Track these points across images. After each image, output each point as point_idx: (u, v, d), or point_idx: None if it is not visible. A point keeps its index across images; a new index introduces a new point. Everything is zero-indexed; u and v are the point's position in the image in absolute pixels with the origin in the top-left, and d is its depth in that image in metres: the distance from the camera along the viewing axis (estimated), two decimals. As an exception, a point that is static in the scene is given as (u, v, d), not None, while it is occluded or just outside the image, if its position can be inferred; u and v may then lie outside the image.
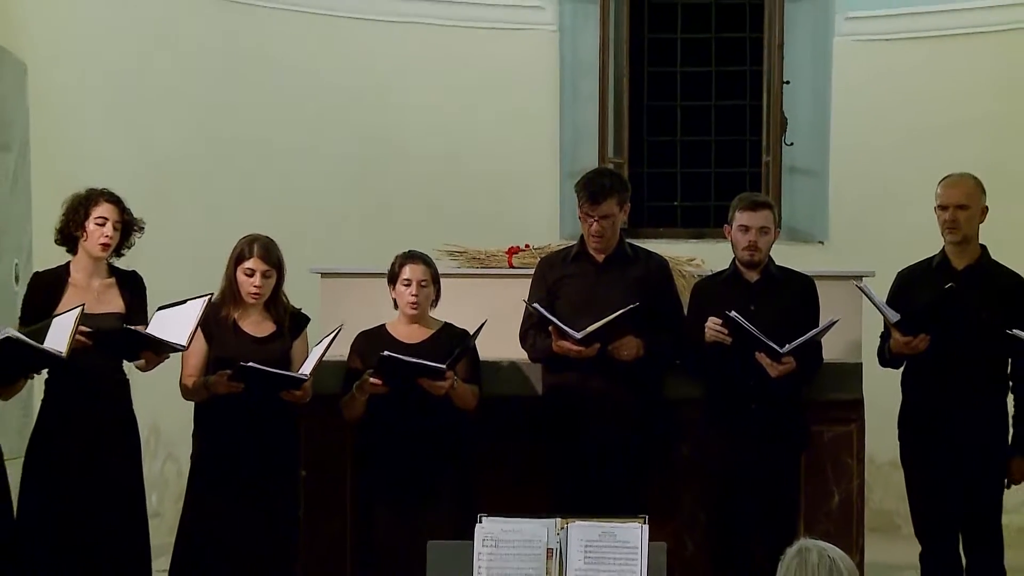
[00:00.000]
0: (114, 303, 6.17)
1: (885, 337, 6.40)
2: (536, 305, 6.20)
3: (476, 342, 6.25)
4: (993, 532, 6.40)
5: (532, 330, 6.32)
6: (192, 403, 6.33)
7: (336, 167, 9.77)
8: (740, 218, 6.31)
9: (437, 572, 4.72)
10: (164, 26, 9.24)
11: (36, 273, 6.44)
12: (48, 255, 6.51)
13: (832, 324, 6.23)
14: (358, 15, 10.08)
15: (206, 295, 6.11)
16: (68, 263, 6.22)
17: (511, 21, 10.44)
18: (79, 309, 5.79)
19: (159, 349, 6.05)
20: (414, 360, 6.05)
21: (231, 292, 6.27)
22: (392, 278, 6.29)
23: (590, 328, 6.04)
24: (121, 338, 6.04)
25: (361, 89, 9.97)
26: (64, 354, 5.74)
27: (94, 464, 6.12)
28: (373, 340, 6.27)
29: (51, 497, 6.09)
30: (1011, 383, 6.29)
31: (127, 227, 6.20)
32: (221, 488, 6.24)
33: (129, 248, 6.27)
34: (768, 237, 6.33)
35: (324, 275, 7.17)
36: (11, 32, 7.81)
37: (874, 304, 6.34)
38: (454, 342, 6.22)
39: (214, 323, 6.23)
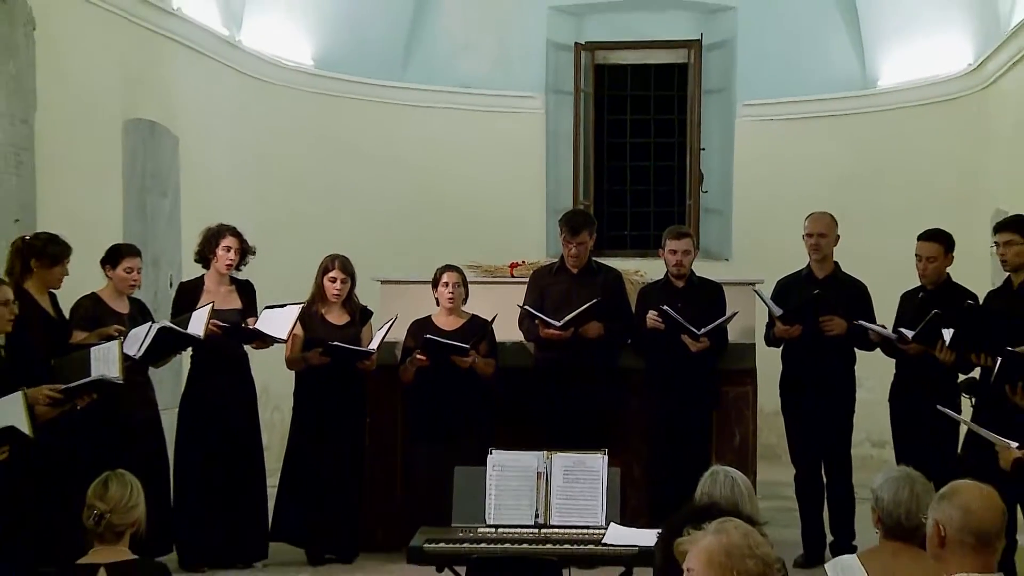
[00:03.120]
0: (234, 303, 6.23)
1: (770, 326, 6.40)
2: (526, 306, 6.19)
3: (492, 327, 6.25)
4: (844, 460, 6.41)
5: (527, 320, 6.28)
6: (293, 373, 6.35)
7: (392, 209, 9.73)
8: (669, 244, 6.31)
9: (461, 490, 4.70)
10: (277, 111, 9.21)
11: (181, 282, 6.52)
12: (192, 269, 6.50)
13: (733, 315, 6.25)
14: (410, 103, 10.06)
15: (301, 303, 6.20)
16: (203, 275, 6.28)
17: (514, 107, 10.40)
18: (210, 305, 5.89)
19: (265, 341, 6.11)
20: (447, 342, 6.06)
21: (319, 293, 6.30)
22: (435, 283, 6.27)
23: (567, 317, 6.03)
24: (241, 332, 6.10)
25: (410, 154, 9.93)
26: (201, 336, 5.80)
27: (226, 412, 6.18)
28: (422, 326, 6.25)
29: (198, 435, 6.16)
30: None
31: (244, 252, 6.23)
32: (313, 429, 6.27)
33: (245, 265, 6.30)
34: (689, 256, 6.33)
35: (383, 282, 7.12)
36: (169, 115, 7.81)
37: (764, 303, 6.33)
38: (479, 328, 6.21)
39: (307, 316, 6.25)
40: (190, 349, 6.11)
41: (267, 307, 6.16)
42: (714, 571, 2.50)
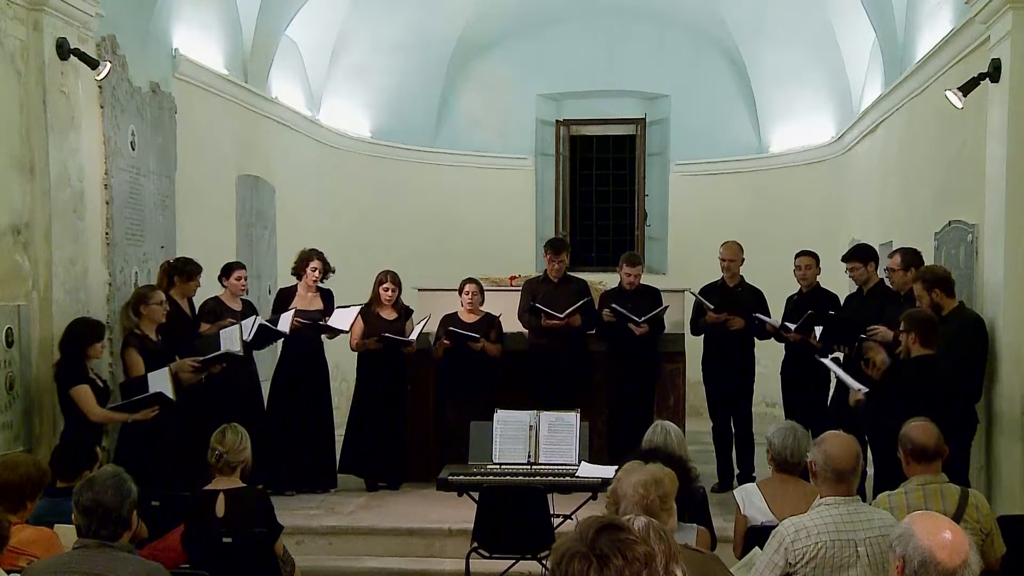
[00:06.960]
0: (317, 305, 6.19)
1: (695, 319, 6.37)
2: (537, 304, 6.11)
3: (500, 322, 6.23)
4: (746, 416, 6.40)
5: (526, 314, 6.25)
6: (356, 353, 6.30)
7: (427, 237, 9.70)
8: (625, 268, 6.28)
9: (476, 438, 4.69)
10: (344, 168, 9.16)
11: (280, 288, 6.46)
12: (285, 280, 6.48)
13: (666, 308, 6.22)
14: (439, 163, 10.03)
15: (360, 304, 6.17)
16: (296, 284, 6.23)
17: (512, 166, 10.37)
18: (293, 311, 5.89)
19: (333, 332, 6.10)
20: (464, 332, 6.04)
21: (376, 298, 6.25)
22: (460, 290, 6.26)
23: (568, 311, 6.04)
24: (316, 326, 6.07)
25: (439, 199, 9.90)
26: (288, 332, 5.82)
27: (304, 382, 6.13)
28: (451, 319, 6.24)
29: (286, 397, 6.11)
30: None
31: (326, 270, 6.22)
32: (370, 394, 6.23)
33: (326, 279, 6.26)
34: (639, 278, 6.26)
35: (420, 289, 7.10)
36: (268, 171, 7.79)
37: (699, 300, 6.31)
38: (491, 322, 6.20)
39: (367, 314, 6.22)
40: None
41: (337, 307, 6.15)
42: (618, 490, 2.64)
